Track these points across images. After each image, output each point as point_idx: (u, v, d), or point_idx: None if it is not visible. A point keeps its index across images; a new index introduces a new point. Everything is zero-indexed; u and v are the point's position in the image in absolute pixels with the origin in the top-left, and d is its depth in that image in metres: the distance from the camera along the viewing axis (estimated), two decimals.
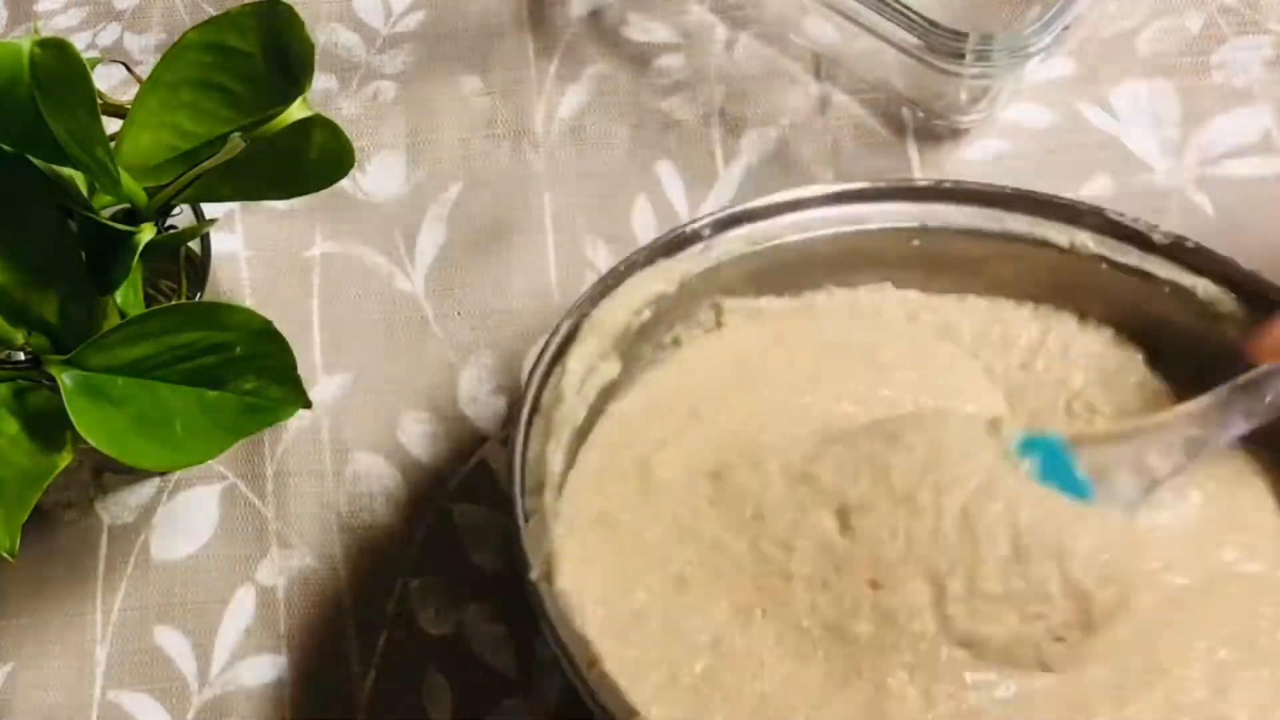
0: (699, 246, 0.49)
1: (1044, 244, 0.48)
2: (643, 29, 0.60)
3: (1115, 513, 0.43)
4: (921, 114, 0.56)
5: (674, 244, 0.48)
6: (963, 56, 0.51)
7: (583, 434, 0.48)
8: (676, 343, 0.50)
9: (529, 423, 0.45)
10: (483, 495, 0.52)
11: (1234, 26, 0.57)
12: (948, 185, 0.49)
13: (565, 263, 0.56)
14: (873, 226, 0.49)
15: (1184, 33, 0.57)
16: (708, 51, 0.59)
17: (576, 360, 0.46)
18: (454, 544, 0.51)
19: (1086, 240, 0.48)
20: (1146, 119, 0.56)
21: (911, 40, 0.51)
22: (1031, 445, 0.44)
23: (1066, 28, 0.51)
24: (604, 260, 0.55)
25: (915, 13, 0.51)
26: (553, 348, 0.46)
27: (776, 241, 0.49)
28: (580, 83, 0.59)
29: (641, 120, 0.58)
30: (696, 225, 0.48)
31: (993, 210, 0.49)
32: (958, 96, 0.54)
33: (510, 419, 0.53)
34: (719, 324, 0.50)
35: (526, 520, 0.43)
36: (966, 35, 0.50)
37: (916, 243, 0.49)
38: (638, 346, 0.49)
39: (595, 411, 0.49)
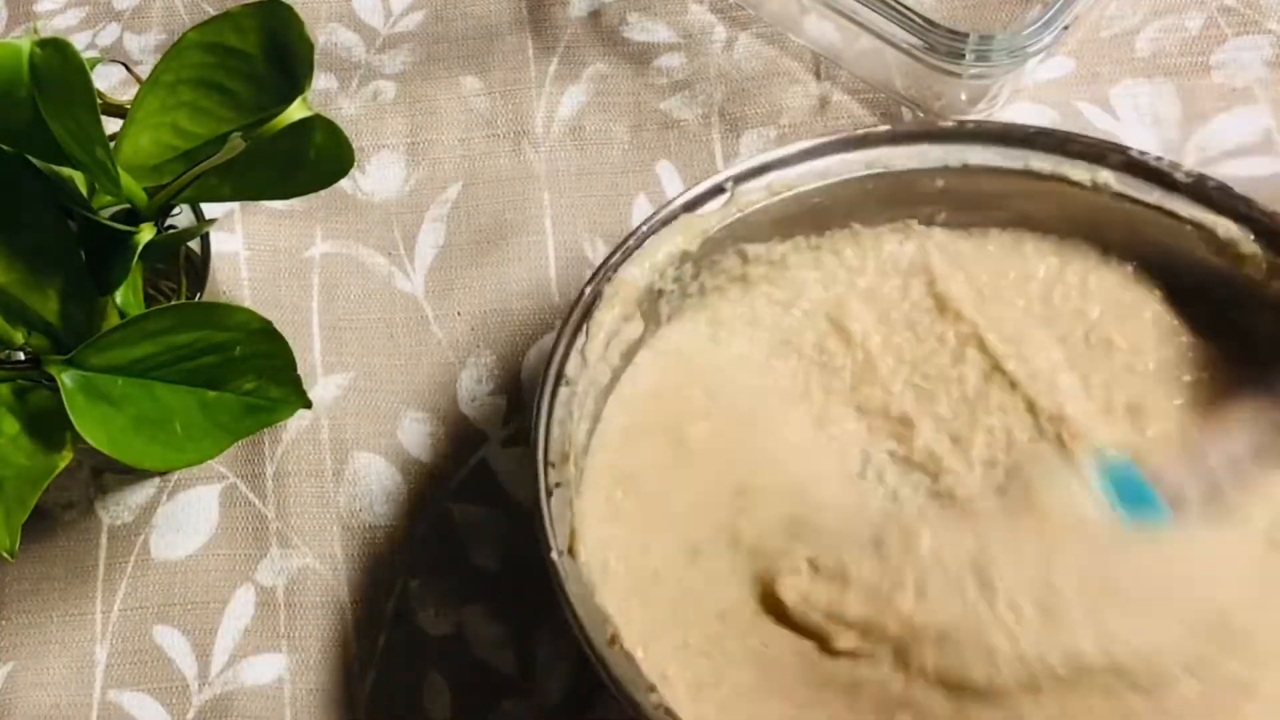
0: (721, 199, 0.49)
1: (1066, 181, 0.48)
2: (642, 29, 0.60)
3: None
4: (921, 114, 0.56)
5: (696, 200, 0.48)
6: (963, 56, 0.51)
7: (607, 391, 0.49)
8: (702, 290, 0.50)
9: (553, 393, 0.45)
10: (483, 495, 0.52)
11: (1234, 26, 0.57)
12: (970, 126, 0.49)
13: (565, 263, 0.56)
14: (896, 168, 0.49)
15: (1184, 33, 0.57)
16: (708, 51, 0.59)
17: (600, 325, 0.47)
18: (454, 544, 0.51)
19: (1109, 178, 0.48)
20: (1146, 119, 0.56)
21: (911, 40, 0.51)
22: (1110, 474, 0.44)
23: (1066, 28, 0.51)
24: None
25: (915, 13, 0.51)
26: (576, 313, 0.46)
27: (798, 190, 0.49)
28: (580, 83, 0.59)
29: (641, 120, 0.58)
30: (719, 179, 0.49)
31: (1016, 149, 0.48)
32: (958, 96, 0.54)
33: (510, 413, 0.53)
34: (744, 275, 0.51)
35: (550, 495, 0.43)
36: (966, 35, 0.50)
37: (940, 183, 0.49)
38: (663, 300, 0.49)
39: (619, 370, 0.49)
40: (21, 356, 0.42)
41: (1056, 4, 0.50)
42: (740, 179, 0.49)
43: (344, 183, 0.57)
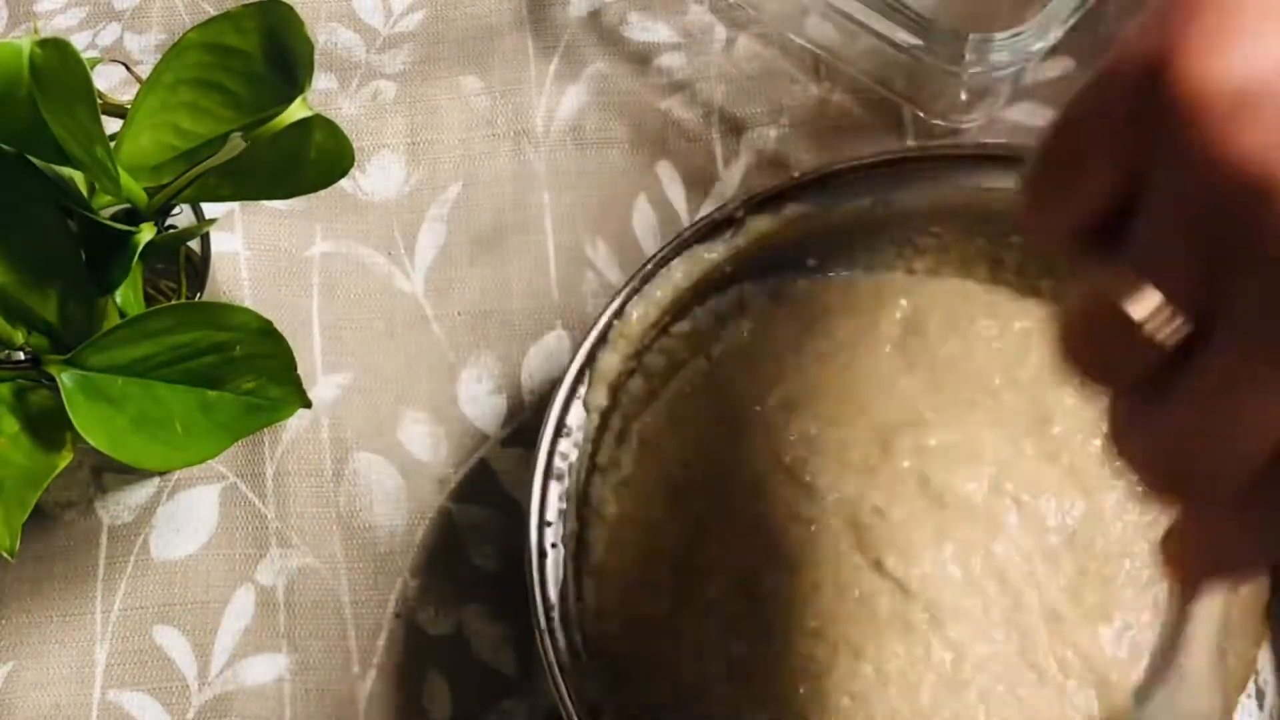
0: (727, 233, 0.49)
1: None
2: (642, 29, 0.60)
3: None
4: (921, 114, 0.56)
5: (699, 234, 0.49)
6: (963, 56, 0.51)
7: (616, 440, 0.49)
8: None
9: (551, 445, 0.45)
10: (483, 495, 0.52)
11: None
12: (968, 149, 0.50)
13: (565, 263, 0.56)
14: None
15: None
16: (708, 51, 0.59)
17: (602, 373, 0.47)
18: (454, 544, 0.51)
19: None
20: None
21: (911, 40, 0.51)
22: None
23: (1067, 28, 0.51)
24: (604, 260, 0.55)
25: (915, 13, 0.51)
26: (577, 360, 0.46)
27: (804, 211, 0.50)
28: (580, 83, 0.59)
29: (641, 120, 0.58)
30: (729, 209, 0.49)
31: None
32: (958, 96, 0.54)
33: (510, 413, 0.53)
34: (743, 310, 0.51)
35: (544, 557, 0.44)
36: (966, 35, 0.50)
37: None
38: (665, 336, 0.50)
39: (629, 415, 0.49)
40: (21, 356, 0.42)
41: (1056, 4, 0.50)
42: (752, 208, 0.49)
43: (344, 183, 0.57)
